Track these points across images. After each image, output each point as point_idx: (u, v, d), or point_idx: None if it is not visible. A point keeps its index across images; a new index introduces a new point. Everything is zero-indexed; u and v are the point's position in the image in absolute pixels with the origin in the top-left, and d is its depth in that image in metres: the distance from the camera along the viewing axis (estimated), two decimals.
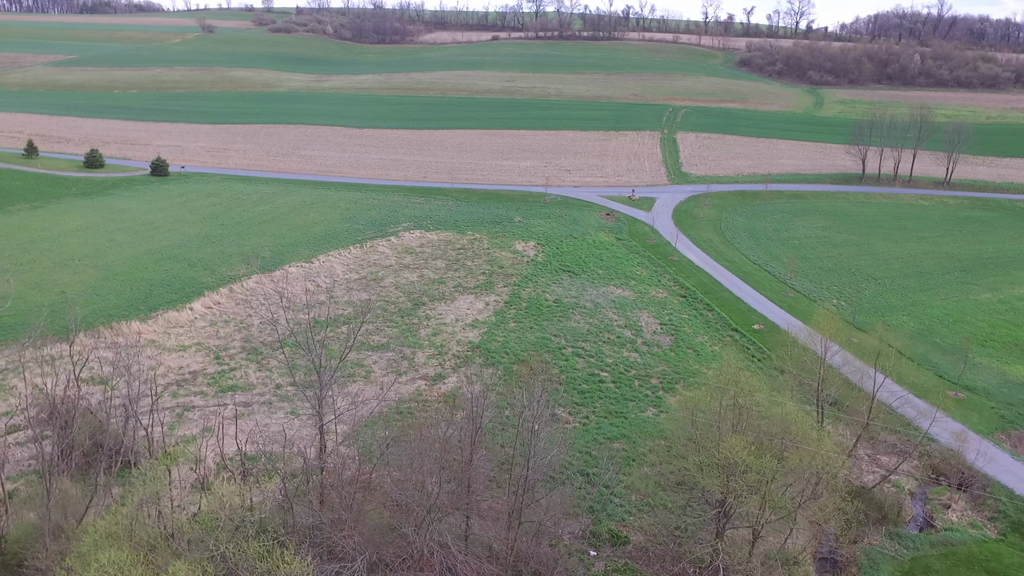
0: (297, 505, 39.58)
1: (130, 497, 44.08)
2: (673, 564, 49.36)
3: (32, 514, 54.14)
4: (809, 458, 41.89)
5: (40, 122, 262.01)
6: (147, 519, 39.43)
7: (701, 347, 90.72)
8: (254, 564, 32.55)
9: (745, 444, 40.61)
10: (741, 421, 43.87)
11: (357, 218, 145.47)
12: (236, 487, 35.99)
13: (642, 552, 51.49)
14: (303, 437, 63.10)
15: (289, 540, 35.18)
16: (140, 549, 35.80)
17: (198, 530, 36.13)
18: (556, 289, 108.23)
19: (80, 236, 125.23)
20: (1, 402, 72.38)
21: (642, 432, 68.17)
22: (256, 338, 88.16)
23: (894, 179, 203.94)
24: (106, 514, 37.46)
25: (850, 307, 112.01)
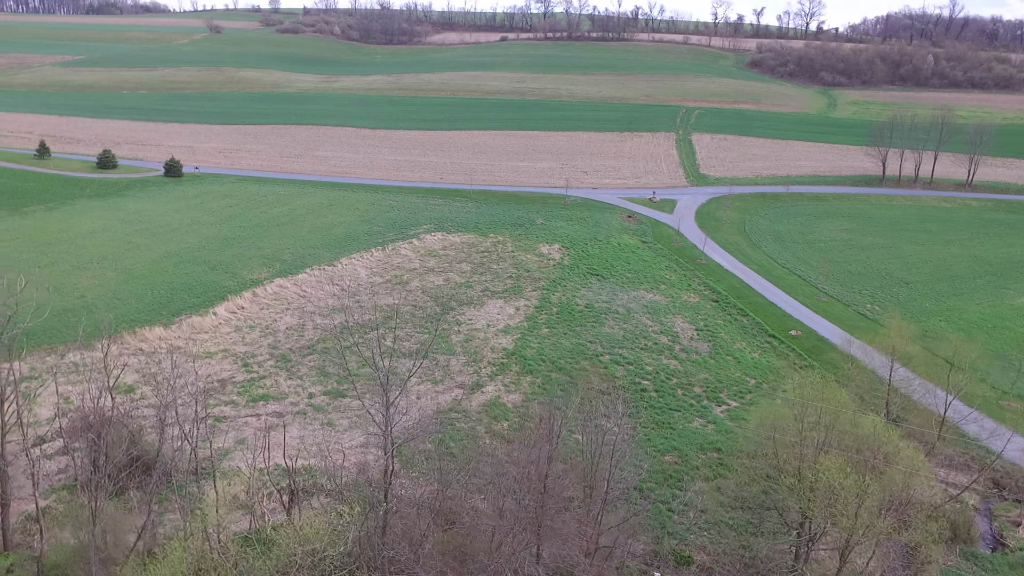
0: (367, 533, 36.83)
1: (189, 525, 41.38)
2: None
3: (66, 533, 51.73)
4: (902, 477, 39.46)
5: (50, 123, 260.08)
6: (213, 552, 36.51)
7: (741, 354, 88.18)
8: None
9: (840, 466, 38.14)
10: (830, 439, 41.35)
11: (376, 220, 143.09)
12: (317, 516, 33.28)
13: (707, 573, 48.99)
14: (346, 450, 60.68)
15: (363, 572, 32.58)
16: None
17: (269, 567, 33.21)
18: (586, 293, 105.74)
19: (97, 238, 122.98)
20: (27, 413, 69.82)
21: (692, 444, 65.63)
22: (283, 344, 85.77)
23: (915, 181, 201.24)
24: (172, 546, 34.23)
25: (884, 312, 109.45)
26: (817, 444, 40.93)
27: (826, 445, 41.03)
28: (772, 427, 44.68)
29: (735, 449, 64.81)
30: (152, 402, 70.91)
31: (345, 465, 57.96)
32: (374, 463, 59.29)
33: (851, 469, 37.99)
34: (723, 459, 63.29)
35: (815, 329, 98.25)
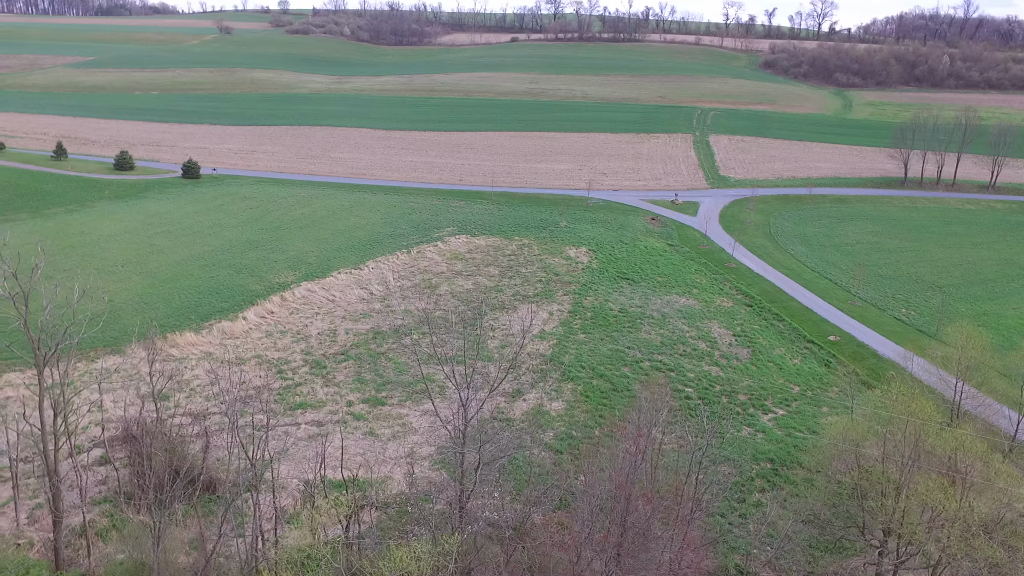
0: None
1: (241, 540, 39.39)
2: None
3: (111, 548, 50.29)
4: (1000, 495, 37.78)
5: (64, 124, 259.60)
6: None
7: (782, 360, 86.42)
8: None
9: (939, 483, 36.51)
10: (917, 454, 39.64)
11: (399, 222, 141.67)
12: (414, 543, 31.52)
13: None
14: (389, 460, 59.12)
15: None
16: None
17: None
18: (618, 298, 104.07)
19: (120, 241, 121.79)
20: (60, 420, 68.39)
21: (744, 454, 63.90)
22: (316, 350, 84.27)
23: (937, 183, 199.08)
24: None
25: (920, 316, 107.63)
26: (905, 459, 39.22)
27: (914, 460, 39.36)
28: (854, 441, 42.96)
29: (791, 460, 63.11)
30: (188, 410, 69.65)
31: (393, 477, 56.43)
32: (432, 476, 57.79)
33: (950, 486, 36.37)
34: (778, 470, 61.62)
35: (853, 335, 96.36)
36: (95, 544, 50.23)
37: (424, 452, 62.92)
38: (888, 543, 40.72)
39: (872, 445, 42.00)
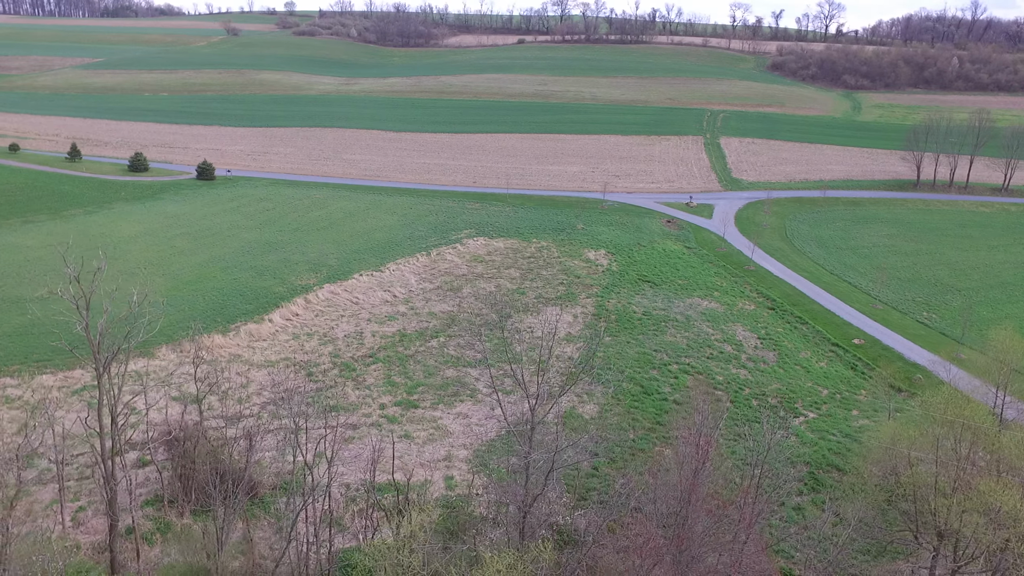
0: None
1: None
2: None
3: (156, 551, 50.45)
4: None
5: (75, 125, 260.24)
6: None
7: (808, 363, 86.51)
8: None
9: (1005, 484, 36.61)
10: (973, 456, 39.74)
11: (416, 224, 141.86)
12: (508, 553, 31.54)
13: None
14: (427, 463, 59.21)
15: None
16: None
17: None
18: (641, 301, 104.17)
19: (141, 243, 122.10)
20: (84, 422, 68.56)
21: (779, 457, 63.84)
22: (344, 353, 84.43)
23: (950, 185, 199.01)
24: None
25: (942, 320, 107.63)
26: (961, 460, 39.35)
27: (972, 461, 39.50)
28: (907, 443, 43.03)
29: (827, 464, 63.17)
30: (220, 412, 69.79)
31: (433, 480, 56.56)
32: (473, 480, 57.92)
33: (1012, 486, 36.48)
34: (814, 473, 61.71)
35: (878, 338, 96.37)
36: (141, 547, 50.37)
37: (461, 455, 63.03)
38: (943, 547, 40.81)
39: (924, 448, 42.08)
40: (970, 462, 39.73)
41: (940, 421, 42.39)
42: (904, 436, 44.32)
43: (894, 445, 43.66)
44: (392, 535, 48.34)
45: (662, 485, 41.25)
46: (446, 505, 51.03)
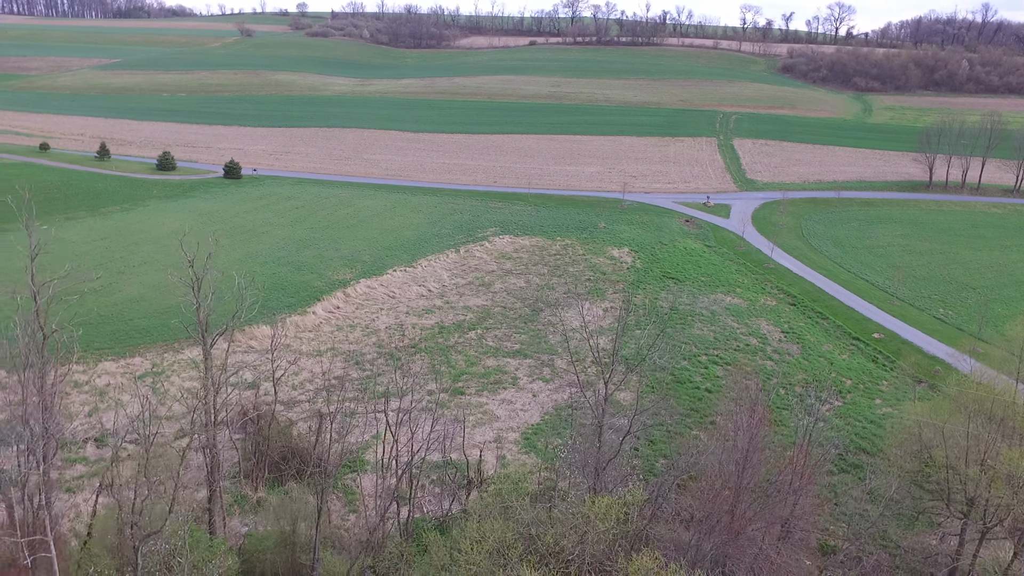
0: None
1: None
2: (890, 574, 48.98)
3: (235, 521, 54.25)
4: None
5: (98, 125, 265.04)
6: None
7: (831, 356, 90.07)
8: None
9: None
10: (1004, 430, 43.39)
11: (442, 223, 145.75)
12: (603, 498, 35.32)
13: (855, 562, 51.05)
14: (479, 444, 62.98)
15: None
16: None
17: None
18: (667, 296, 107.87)
19: (175, 240, 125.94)
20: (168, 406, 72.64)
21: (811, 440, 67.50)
22: (388, 343, 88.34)
23: (962, 187, 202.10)
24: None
25: (958, 316, 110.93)
26: (992, 432, 42.98)
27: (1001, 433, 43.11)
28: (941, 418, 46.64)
29: (855, 447, 66.84)
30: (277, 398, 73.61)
31: (486, 460, 60.34)
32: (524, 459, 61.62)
33: None
34: (843, 455, 65.39)
35: (897, 332, 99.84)
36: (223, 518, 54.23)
37: (510, 437, 66.89)
38: (972, 513, 44.41)
39: (957, 422, 45.62)
40: (1000, 435, 43.32)
41: (972, 397, 45.96)
42: (938, 411, 47.94)
43: (928, 420, 47.19)
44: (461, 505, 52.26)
45: (722, 447, 44.91)
46: (521, 473, 53.70)
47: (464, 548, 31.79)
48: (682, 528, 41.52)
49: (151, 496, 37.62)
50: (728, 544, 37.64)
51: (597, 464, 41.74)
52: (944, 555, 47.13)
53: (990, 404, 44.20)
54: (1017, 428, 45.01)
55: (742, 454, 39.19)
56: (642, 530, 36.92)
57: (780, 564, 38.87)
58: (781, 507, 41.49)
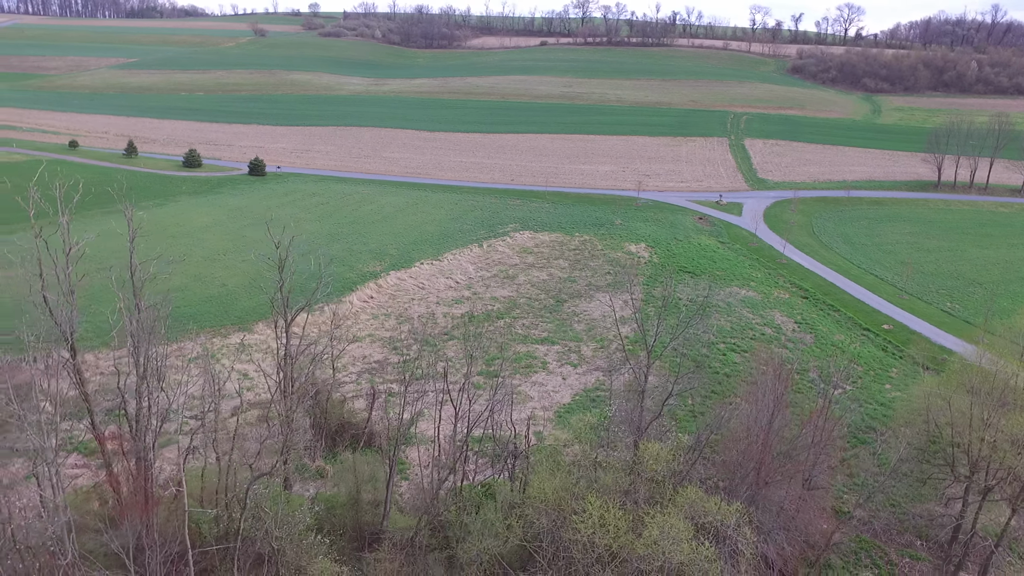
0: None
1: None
2: (899, 536, 53.61)
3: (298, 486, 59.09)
4: None
5: (120, 123, 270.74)
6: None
7: (843, 345, 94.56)
8: None
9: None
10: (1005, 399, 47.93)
11: (464, 219, 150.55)
12: (653, 444, 40.31)
13: (866, 526, 55.63)
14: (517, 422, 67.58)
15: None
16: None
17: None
18: (684, 289, 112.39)
19: (214, 232, 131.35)
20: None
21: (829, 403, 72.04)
22: (422, 331, 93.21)
23: (970, 186, 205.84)
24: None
25: (964, 309, 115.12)
26: (994, 401, 47.50)
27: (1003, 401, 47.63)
28: (949, 388, 51.19)
29: (866, 427, 71.41)
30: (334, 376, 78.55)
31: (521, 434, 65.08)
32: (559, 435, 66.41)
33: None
34: (855, 433, 69.91)
35: (905, 324, 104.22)
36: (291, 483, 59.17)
37: (544, 416, 71.70)
38: (975, 477, 48.85)
39: (962, 392, 50.14)
40: (1001, 403, 47.77)
41: (976, 371, 50.44)
42: (946, 384, 52.44)
43: (935, 390, 51.73)
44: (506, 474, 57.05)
45: (751, 407, 49.52)
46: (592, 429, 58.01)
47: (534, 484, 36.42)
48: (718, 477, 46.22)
49: (240, 454, 42.50)
50: (758, 491, 42.36)
51: (640, 423, 46.39)
52: (948, 517, 51.72)
53: (992, 379, 48.67)
54: (1017, 402, 49.42)
55: (769, 413, 43.88)
56: (686, 472, 41.69)
57: (803, 509, 43.63)
58: (804, 460, 46.24)
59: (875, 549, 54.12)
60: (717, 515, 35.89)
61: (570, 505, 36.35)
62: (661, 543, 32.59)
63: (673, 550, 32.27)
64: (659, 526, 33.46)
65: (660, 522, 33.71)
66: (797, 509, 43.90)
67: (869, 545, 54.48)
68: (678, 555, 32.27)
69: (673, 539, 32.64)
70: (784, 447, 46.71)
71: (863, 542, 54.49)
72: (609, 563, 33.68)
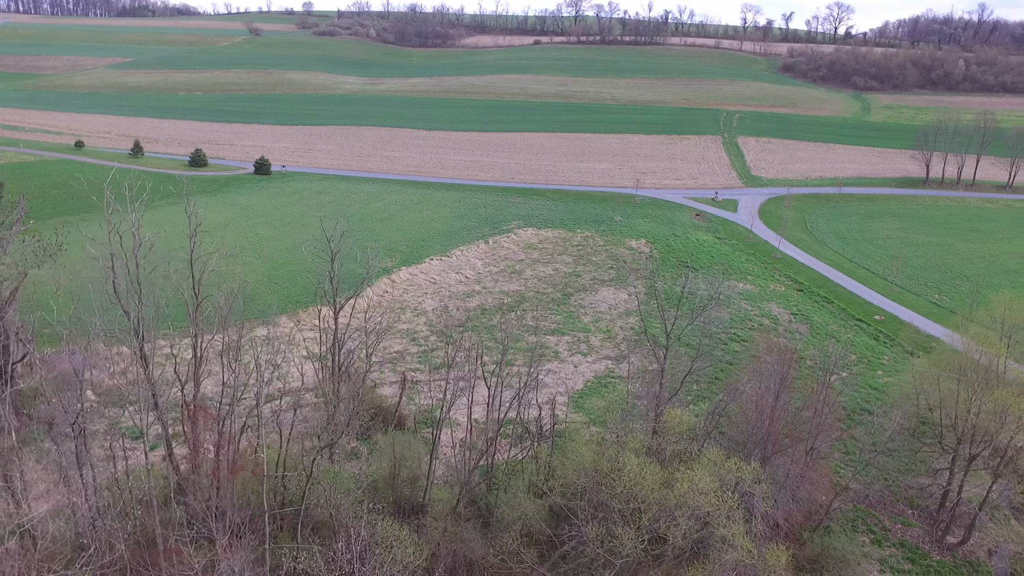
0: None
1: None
2: (892, 505, 58.64)
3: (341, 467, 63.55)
4: None
5: (121, 123, 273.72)
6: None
7: (837, 334, 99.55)
8: None
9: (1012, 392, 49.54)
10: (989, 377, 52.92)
11: (468, 216, 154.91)
12: (674, 410, 45.04)
13: (862, 497, 60.54)
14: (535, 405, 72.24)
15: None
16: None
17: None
18: (682, 282, 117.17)
19: (228, 230, 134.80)
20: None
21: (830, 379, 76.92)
22: (437, 323, 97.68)
23: (957, 183, 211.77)
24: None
25: (952, 301, 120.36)
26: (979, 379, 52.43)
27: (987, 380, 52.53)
28: (935, 375, 56.11)
29: (859, 408, 76.42)
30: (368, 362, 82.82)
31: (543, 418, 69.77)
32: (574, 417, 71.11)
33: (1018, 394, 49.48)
34: (850, 415, 74.87)
35: (896, 315, 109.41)
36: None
37: (560, 400, 76.26)
38: (960, 448, 53.69)
39: (950, 378, 55.01)
40: (985, 380, 52.68)
41: (961, 356, 55.38)
42: (935, 364, 57.33)
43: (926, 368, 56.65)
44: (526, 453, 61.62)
45: (759, 384, 54.31)
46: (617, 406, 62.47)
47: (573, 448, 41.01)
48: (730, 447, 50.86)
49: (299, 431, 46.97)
50: (766, 460, 47.10)
51: (660, 397, 51.09)
52: (936, 486, 56.64)
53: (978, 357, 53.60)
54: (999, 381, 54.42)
55: (775, 391, 48.65)
56: (709, 432, 46.42)
57: (806, 477, 48.49)
58: (807, 430, 51.08)
59: (870, 517, 59.18)
60: (737, 473, 40.71)
61: (605, 465, 41.03)
62: (690, 496, 37.37)
63: (701, 501, 37.02)
64: (688, 480, 38.31)
65: (689, 476, 38.60)
66: (802, 476, 48.81)
67: (865, 513, 59.51)
68: (706, 505, 37.06)
69: (701, 491, 37.42)
70: (789, 419, 51.62)
71: (859, 511, 59.46)
72: (645, 513, 38.29)
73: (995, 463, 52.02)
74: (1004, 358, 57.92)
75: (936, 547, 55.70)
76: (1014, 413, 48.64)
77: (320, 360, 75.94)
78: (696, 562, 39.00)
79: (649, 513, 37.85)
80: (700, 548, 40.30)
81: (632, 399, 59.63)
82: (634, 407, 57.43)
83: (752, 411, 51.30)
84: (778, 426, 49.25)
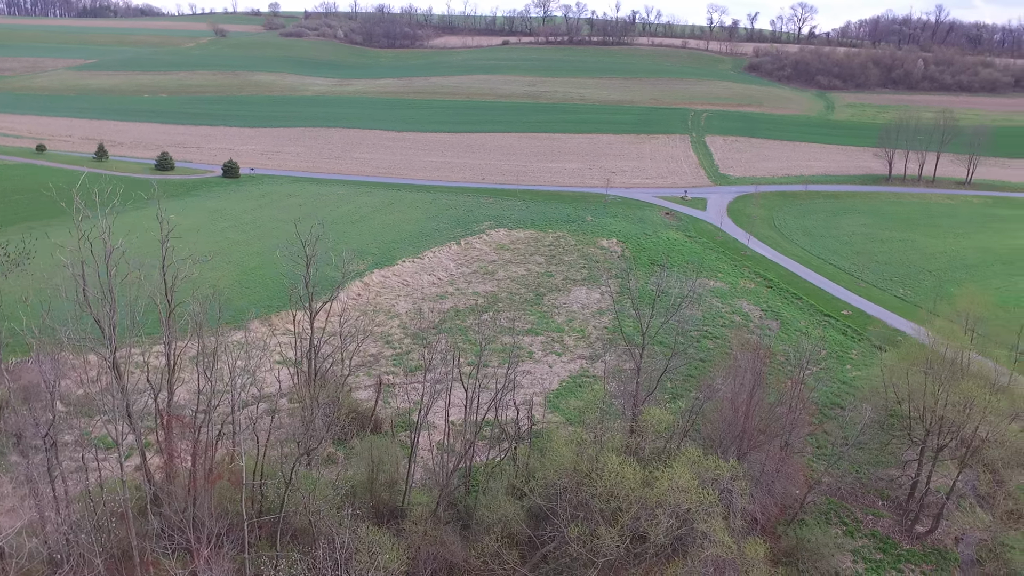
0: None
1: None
2: (863, 497, 59.99)
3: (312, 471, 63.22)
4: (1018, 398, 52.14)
5: (84, 126, 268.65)
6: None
7: (807, 330, 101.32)
8: None
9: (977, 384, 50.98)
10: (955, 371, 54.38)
11: (440, 217, 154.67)
12: (656, 408, 45.50)
13: (834, 490, 61.77)
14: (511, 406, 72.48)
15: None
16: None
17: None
18: (655, 281, 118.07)
19: (197, 235, 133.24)
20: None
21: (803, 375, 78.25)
22: (410, 325, 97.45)
23: (918, 179, 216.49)
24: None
25: (915, 295, 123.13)
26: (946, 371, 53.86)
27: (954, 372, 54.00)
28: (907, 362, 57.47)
29: (830, 403, 77.91)
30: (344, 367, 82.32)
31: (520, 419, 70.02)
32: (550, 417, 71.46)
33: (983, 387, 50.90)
34: (822, 410, 76.30)
35: (863, 309, 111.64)
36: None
37: (536, 400, 76.57)
38: (928, 439, 55.09)
39: (918, 372, 56.41)
40: (951, 373, 54.16)
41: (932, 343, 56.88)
42: (904, 358, 58.79)
43: (895, 363, 58.04)
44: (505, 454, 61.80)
45: (734, 381, 55.15)
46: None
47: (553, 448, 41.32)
48: (707, 445, 51.70)
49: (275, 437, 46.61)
50: (742, 456, 47.93)
51: (636, 396, 51.66)
52: (905, 477, 58.03)
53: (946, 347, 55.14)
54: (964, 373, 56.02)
55: (749, 387, 49.54)
56: (684, 435, 47.12)
57: (781, 472, 49.43)
58: (783, 426, 52.09)
59: (843, 509, 60.46)
60: (715, 471, 41.43)
61: (585, 465, 41.48)
62: (670, 493, 37.95)
63: (681, 498, 37.62)
64: (668, 478, 38.90)
65: (669, 474, 39.18)
66: (777, 471, 49.83)
67: (837, 506, 60.76)
68: (686, 502, 37.68)
69: (681, 488, 38.02)
70: (763, 416, 52.62)
71: (832, 503, 60.69)
72: (626, 511, 38.80)
73: (961, 453, 53.53)
74: (969, 351, 59.56)
75: (906, 536, 57.13)
76: (979, 404, 50.21)
77: (295, 365, 75.63)
78: (677, 558, 39.70)
79: (630, 512, 38.47)
80: (680, 545, 41.00)
81: (609, 398, 60.26)
82: (611, 406, 58.05)
83: (728, 408, 52.26)
84: (753, 422, 50.23)
